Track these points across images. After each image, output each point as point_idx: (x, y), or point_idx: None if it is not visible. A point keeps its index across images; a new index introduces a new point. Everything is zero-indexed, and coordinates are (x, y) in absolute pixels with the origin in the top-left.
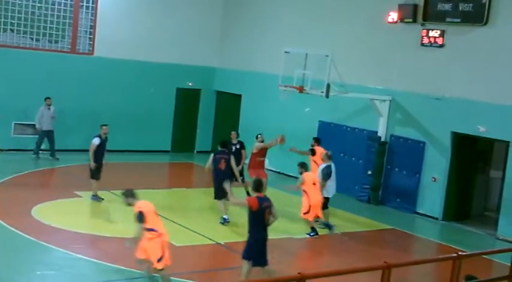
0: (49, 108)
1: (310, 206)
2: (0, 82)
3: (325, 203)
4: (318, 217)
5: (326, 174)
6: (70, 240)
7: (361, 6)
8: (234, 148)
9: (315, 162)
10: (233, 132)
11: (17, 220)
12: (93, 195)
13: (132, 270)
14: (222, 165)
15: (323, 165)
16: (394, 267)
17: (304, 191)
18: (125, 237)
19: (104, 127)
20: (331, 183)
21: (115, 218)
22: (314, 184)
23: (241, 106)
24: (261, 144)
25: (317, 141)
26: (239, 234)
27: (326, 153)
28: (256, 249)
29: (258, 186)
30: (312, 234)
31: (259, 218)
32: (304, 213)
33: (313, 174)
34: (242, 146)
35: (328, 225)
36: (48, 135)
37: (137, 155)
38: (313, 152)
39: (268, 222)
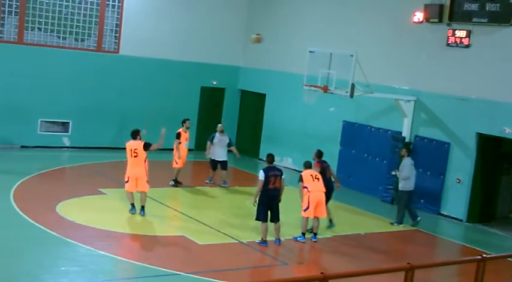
0: None
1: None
2: (28, 80)
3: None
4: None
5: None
6: (94, 237)
7: (387, 6)
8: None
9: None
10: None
11: (42, 216)
12: None
13: (156, 268)
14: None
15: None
16: (418, 268)
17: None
18: (149, 234)
19: None
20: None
21: (139, 215)
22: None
23: (266, 105)
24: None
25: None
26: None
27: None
28: None
29: None
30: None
31: None
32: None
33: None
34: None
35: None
36: None
37: (160, 153)
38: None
39: None
